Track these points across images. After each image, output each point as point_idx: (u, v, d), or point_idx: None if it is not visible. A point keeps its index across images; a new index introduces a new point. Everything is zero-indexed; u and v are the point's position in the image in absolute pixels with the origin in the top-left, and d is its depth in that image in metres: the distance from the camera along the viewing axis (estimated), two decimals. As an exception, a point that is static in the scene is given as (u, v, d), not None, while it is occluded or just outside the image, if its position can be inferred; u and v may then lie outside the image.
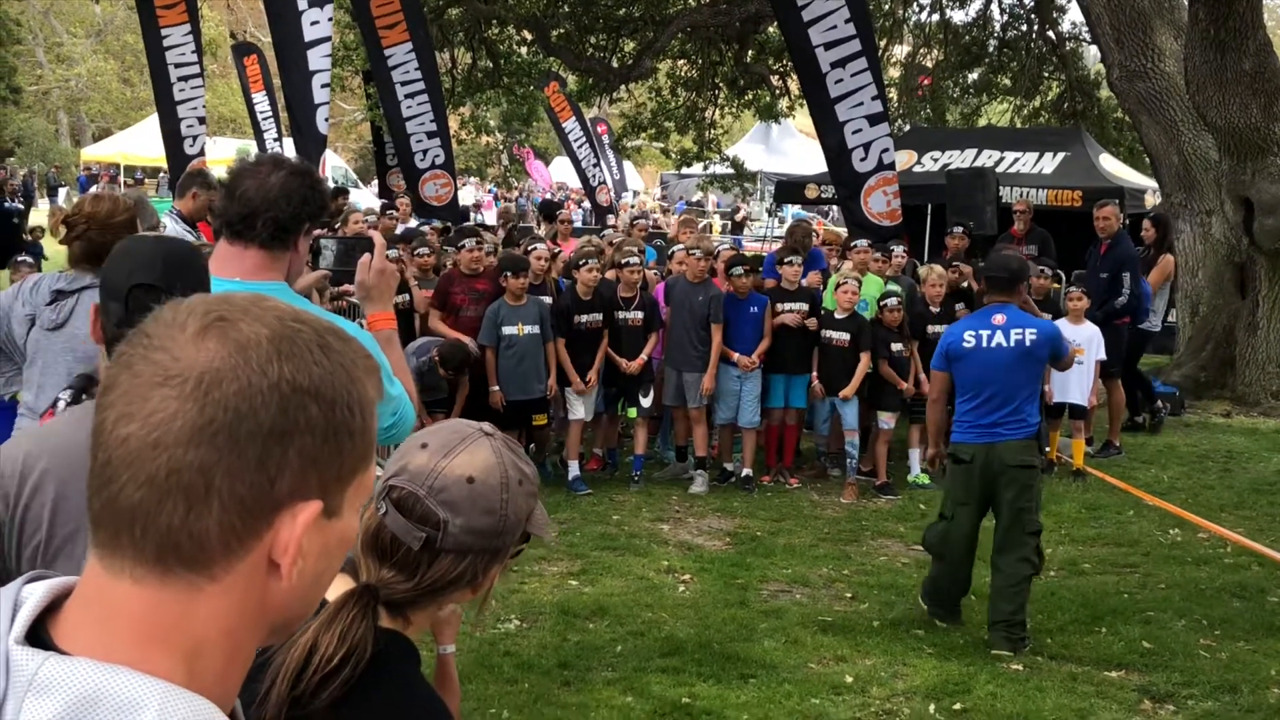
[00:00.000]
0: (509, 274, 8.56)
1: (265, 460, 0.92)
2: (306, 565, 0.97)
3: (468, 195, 37.21)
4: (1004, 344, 5.93)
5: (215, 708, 0.92)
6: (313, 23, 15.28)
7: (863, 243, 9.81)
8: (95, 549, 0.94)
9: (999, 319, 5.98)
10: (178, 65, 18.72)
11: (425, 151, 16.38)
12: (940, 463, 6.46)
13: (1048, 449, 9.72)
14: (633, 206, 27.57)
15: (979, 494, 5.94)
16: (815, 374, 8.97)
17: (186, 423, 0.91)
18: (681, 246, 9.65)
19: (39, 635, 0.91)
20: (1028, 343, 5.92)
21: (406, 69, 16.06)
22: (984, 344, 5.95)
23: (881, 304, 9.15)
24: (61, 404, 3.34)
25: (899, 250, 10.44)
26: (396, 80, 16.11)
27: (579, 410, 8.81)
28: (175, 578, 0.92)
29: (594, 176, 28.08)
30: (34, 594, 0.94)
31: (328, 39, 15.87)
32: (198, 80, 19.15)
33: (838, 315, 8.97)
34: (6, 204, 20.08)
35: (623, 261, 9.03)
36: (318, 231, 4.51)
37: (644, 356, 8.91)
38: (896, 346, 9.01)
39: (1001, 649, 5.77)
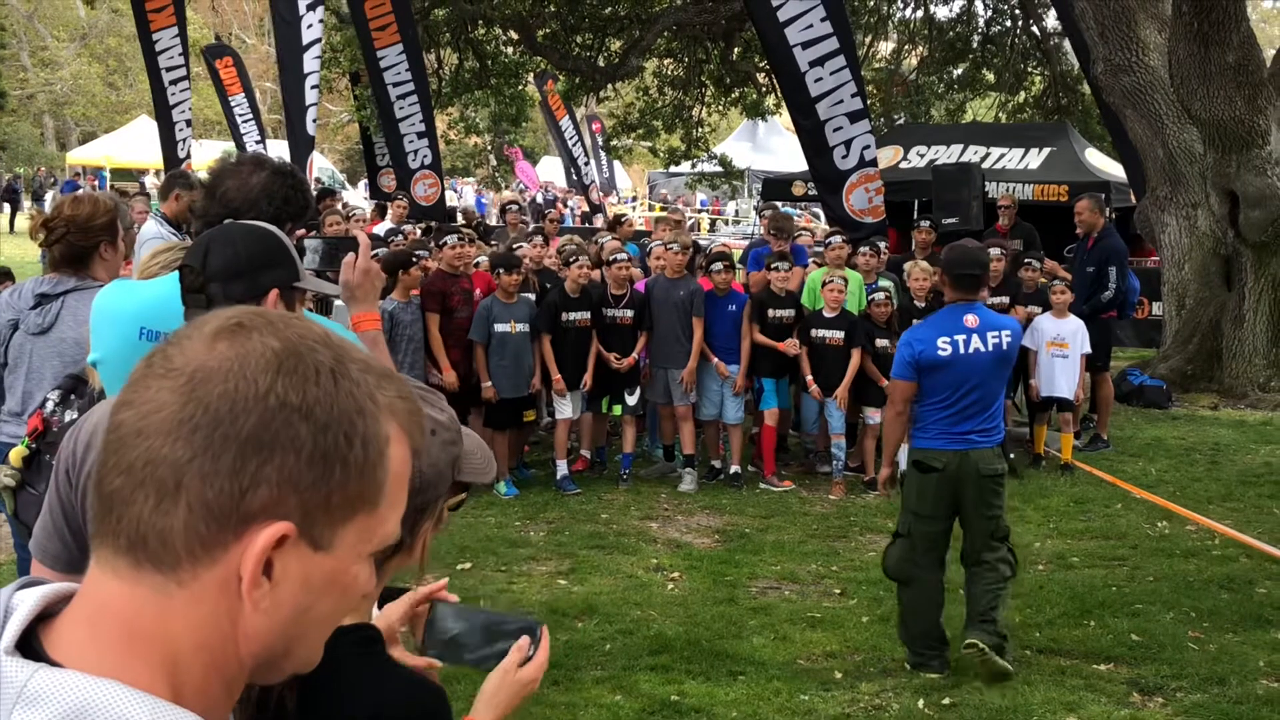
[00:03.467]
0: (501, 271, 8.56)
1: (239, 469, 0.90)
2: (281, 595, 0.94)
3: (469, 196, 37.20)
4: (982, 349, 5.44)
5: None
6: (308, 25, 15.32)
7: (838, 239, 9.62)
8: (90, 540, 0.94)
9: (971, 320, 5.47)
10: (168, 69, 18.77)
11: (416, 152, 16.41)
12: (893, 482, 5.84)
13: (1030, 442, 9.74)
14: (628, 207, 27.65)
15: (947, 505, 5.51)
16: (810, 377, 8.90)
17: (169, 415, 0.90)
18: (659, 242, 9.61)
19: (30, 645, 0.90)
20: (1004, 346, 5.48)
21: (398, 70, 16.09)
22: (961, 350, 5.43)
23: (870, 298, 9.15)
24: (50, 404, 3.32)
25: (883, 246, 10.43)
26: (389, 81, 16.15)
27: (565, 409, 8.81)
28: (146, 576, 0.91)
29: (586, 175, 28.13)
30: (25, 602, 0.92)
31: (319, 41, 15.92)
32: (185, 83, 19.16)
33: (827, 314, 8.95)
34: None
35: (610, 259, 9.01)
36: (300, 231, 4.48)
37: (634, 355, 8.89)
38: (882, 343, 9.00)
39: (979, 639, 5.34)
